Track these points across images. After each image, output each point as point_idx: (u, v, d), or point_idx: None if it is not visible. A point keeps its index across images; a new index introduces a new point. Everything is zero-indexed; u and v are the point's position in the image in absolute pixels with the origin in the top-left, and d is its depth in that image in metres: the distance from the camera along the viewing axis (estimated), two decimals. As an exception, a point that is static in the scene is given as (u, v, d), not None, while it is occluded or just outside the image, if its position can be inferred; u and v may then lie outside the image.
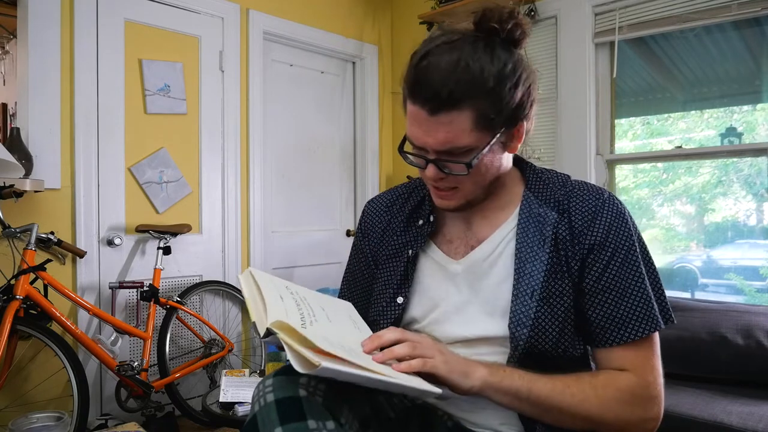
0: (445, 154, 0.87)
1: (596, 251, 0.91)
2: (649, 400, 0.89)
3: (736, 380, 2.09)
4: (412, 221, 1.06)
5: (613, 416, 0.87)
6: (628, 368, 0.89)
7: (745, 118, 2.62)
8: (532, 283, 0.90)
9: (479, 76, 0.82)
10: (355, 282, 1.13)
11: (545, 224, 0.93)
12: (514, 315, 0.90)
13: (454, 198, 0.94)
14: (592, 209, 0.92)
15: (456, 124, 0.84)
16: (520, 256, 0.92)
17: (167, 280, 2.64)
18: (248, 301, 0.84)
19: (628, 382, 0.88)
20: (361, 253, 1.13)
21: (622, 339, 0.89)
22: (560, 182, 0.99)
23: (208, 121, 2.80)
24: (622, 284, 0.90)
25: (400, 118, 3.63)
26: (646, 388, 0.89)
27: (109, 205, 2.46)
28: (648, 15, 2.61)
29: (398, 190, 1.13)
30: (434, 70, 0.83)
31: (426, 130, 0.86)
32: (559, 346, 0.90)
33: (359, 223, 1.15)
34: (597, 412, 0.86)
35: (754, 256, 2.58)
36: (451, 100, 0.82)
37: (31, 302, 2.00)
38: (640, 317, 0.89)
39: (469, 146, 0.86)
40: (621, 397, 0.87)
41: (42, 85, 2.25)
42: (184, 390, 2.57)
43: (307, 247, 3.29)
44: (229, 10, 2.87)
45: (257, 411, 0.79)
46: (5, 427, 2.00)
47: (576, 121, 2.76)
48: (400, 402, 0.96)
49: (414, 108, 0.86)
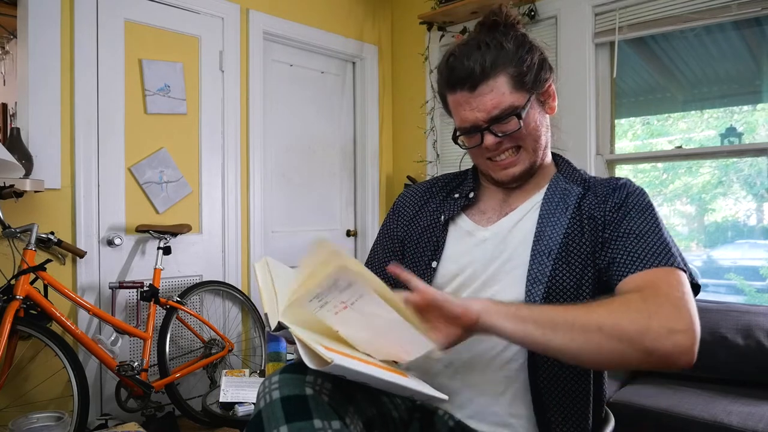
0: (497, 118, 0.97)
1: (616, 209, 0.97)
2: (668, 307, 0.79)
3: (736, 380, 2.10)
4: (450, 196, 1.14)
5: (628, 321, 0.77)
6: (643, 287, 0.84)
7: (745, 118, 2.62)
8: (549, 243, 0.96)
9: (500, 47, 0.97)
10: (375, 262, 1.18)
11: (569, 195, 1.02)
12: (531, 272, 0.95)
13: (518, 162, 1.02)
14: (615, 184, 1.02)
15: (496, 90, 0.96)
16: (542, 220, 1.00)
17: (167, 280, 2.64)
18: (262, 290, 0.83)
19: (639, 294, 0.83)
20: (387, 235, 1.18)
21: (642, 266, 0.87)
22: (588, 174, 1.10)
23: (208, 121, 2.80)
24: (641, 229, 0.93)
25: (400, 118, 3.64)
26: (659, 296, 0.81)
27: (109, 205, 2.46)
28: (648, 15, 2.61)
29: (439, 177, 1.22)
30: (463, 57, 0.97)
31: (473, 107, 0.98)
32: (577, 301, 0.92)
33: (393, 205, 1.23)
34: (609, 321, 0.77)
35: (754, 256, 2.59)
36: (485, 72, 0.96)
37: (31, 302, 1.99)
38: (658, 252, 0.88)
39: (513, 105, 0.97)
40: (631, 304, 0.80)
41: (42, 85, 2.25)
42: (184, 390, 2.57)
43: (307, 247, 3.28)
44: (229, 10, 2.87)
45: (262, 408, 0.78)
46: (5, 427, 2.00)
47: (576, 121, 2.76)
48: (403, 402, 0.96)
49: (456, 96, 1.00)
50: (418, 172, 3.44)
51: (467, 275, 1.02)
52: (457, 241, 1.06)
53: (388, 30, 3.69)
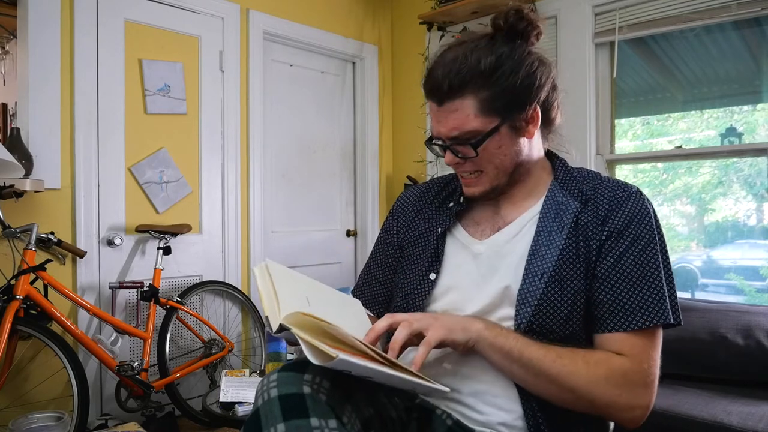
0: (456, 139, 0.95)
1: (615, 238, 0.93)
2: (641, 387, 0.87)
3: (736, 380, 2.09)
4: (444, 205, 1.12)
5: (600, 394, 0.86)
6: (626, 354, 0.89)
7: (745, 118, 2.62)
8: (543, 265, 0.94)
9: (476, 66, 0.92)
10: (375, 265, 1.18)
11: (566, 212, 0.97)
12: (521, 293, 0.94)
13: (479, 184, 1.01)
14: (618, 199, 0.96)
15: (461, 111, 0.93)
16: (537, 239, 0.97)
17: (167, 280, 2.64)
18: (262, 294, 0.84)
19: (621, 365, 0.88)
20: (387, 238, 1.18)
21: (629, 326, 0.89)
22: (590, 177, 1.03)
23: (208, 121, 2.80)
24: (637, 273, 0.91)
25: (400, 118, 3.64)
26: (639, 373, 0.88)
27: (109, 205, 2.46)
28: (648, 15, 2.61)
29: (434, 181, 1.20)
30: (439, 67, 0.95)
31: (438, 120, 0.97)
32: (568, 326, 0.92)
33: (391, 209, 1.22)
34: (585, 387, 0.86)
35: (754, 256, 2.59)
36: (452, 90, 0.92)
37: (31, 302, 1.99)
38: (650, 307, 0.90)
39: (475, 130, 0.94)
40: (611, 377, 0.86)
41: (42, 85, 2.25)
42: (184, 390, 2.57)
43: (307, 247, 3.29)
44: (229, 10, 2.87)
45: (260, 405, 0.78)
46: (5, 427, 2.00)
47: (576, 121, 2.76)
48: (401, 401, 0.96)
49: (428, 102, 0.98)
50: (418, 172, 3.44)
51: (460, 289, 1.01)
52: (454, 254, 1.05)
53: (388, 30, 3.69)
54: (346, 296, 1.05)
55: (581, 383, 0.86)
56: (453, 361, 0.97)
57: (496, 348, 0.87)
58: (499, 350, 0.87)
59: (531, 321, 0.91)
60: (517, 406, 0.92)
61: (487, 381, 0.94)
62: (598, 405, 0.87)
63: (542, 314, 0.91)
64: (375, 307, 1.16)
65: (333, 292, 1.01)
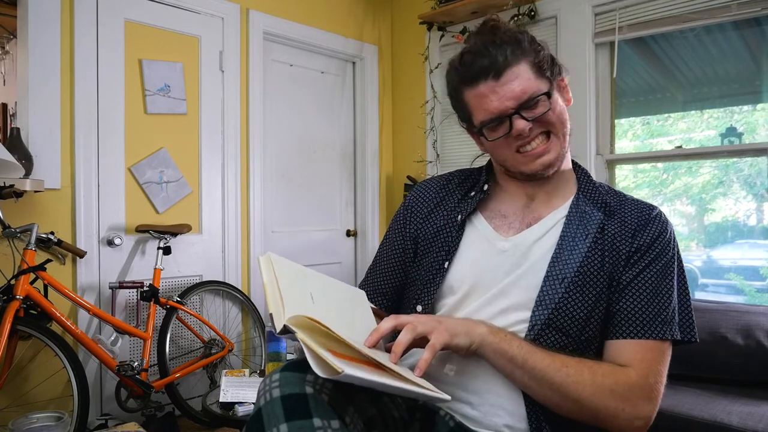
0: (525, 105, 0.96)
1: (641, 252, 0.97)
2: (645, 401, 0.89)
3: (736, 380, 2.09)
4: (467, 195, 1.12)
5: (603, 406, 0.87)
6: (634, 366, 0.90)
7: (745, 118, 2.62)
8: (564, 269, 0.95)
9: (516, 38, 0.98)
10: (382, 257, 1.17)
11: (590, 221, 1.00)
12: (540, 296, 0.95)
13: (551, 149, 1.01)
14: (646, 216, 1.01)
15: (521, 76, 0.96)
16: (561, 243, 0.98)
17: (167, 280, 2.64)
18: (266, 287, 0.82)
19: (627, 378, 0.89)
20: (398, 230, 1.17)
21: (642, 335, 0.91)
22: (613, 191, 1.07)
23: (208, 121, 2.80)
24: (655, 288, 0.95)
25: (400, 118, 3.64)
26: (644, 388, 0.89)
27: (109, 205, 2.46)
28: (648, 15, 2.61)
29: (453, 174, 1.20)
30: (481, 51, 0.97)
31: (500, 95, 0.96)
32: (585, 331, 0.94)
33: (403, 203, 1.20)
34: (588, 398, 0.86)
35: (754, 256, 2.59)
36: (507, 61, 0.96)
37: (31, 302, 1.99)
38: (662, 321, 0.93)
39: (540, 89, 0.97)
40: (616, 390, 0.87)
41: (42, 85, 2.25)
42: (184, 390, 2.57)
43: (307, 247, 3.29)
44: (229, 10, 2.87)
45: (262, 405, 0.78)
46: (5, 427, 2.00)
47: (576, 121, 2.74)
48: (404, 401, 0.96)
49: (478, 89, 0.98)
50: (418, 172, 3.44)
51: (479, 283, 1.01)
52: (474, 245, 1.05)
53: (388, 30, 3.69)
54: (350, 288, 1.03)
55: (586, 394, 0.86)
56: (457, 361, 0.97)
57: (500, 353, 0.88)
58: (503, 355, 0.88)
59: (545, 324, 0.93)
60: (521, 408, 0.92)
61: (491, 382, 0.94)
62: (600, 416, 0.88)
63: (559, 318, 0.93)
64: (379, 299, 1.14)
65: (337, 284, 0.99)
